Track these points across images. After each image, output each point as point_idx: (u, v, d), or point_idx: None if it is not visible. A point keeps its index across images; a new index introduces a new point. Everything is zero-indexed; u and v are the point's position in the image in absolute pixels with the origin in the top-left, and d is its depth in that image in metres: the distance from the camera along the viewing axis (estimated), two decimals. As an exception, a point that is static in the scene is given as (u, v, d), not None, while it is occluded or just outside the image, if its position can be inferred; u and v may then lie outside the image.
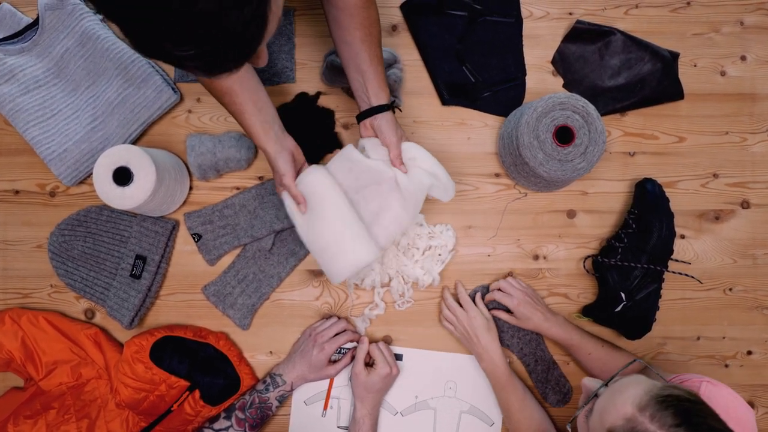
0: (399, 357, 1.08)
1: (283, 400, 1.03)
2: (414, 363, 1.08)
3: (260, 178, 1.10)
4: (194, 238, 1.08)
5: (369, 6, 0.89)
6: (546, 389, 1.07)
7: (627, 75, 1.10)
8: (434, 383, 1.08)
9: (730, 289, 1.11)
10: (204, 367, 1.03)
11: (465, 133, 1.11)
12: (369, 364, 1.04)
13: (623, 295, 1.02)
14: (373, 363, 1.02)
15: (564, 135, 0.98)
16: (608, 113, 1.10)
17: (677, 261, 1.07)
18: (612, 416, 0.68)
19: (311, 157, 1.00)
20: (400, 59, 1.10)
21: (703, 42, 1.13)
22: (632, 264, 1.01)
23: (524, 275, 1.10)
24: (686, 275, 1.07)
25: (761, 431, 1.09)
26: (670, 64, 1.10)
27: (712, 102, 1.12)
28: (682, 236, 1.10)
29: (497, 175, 1.11)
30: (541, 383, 1.07)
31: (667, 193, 1.06)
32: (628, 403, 0.67)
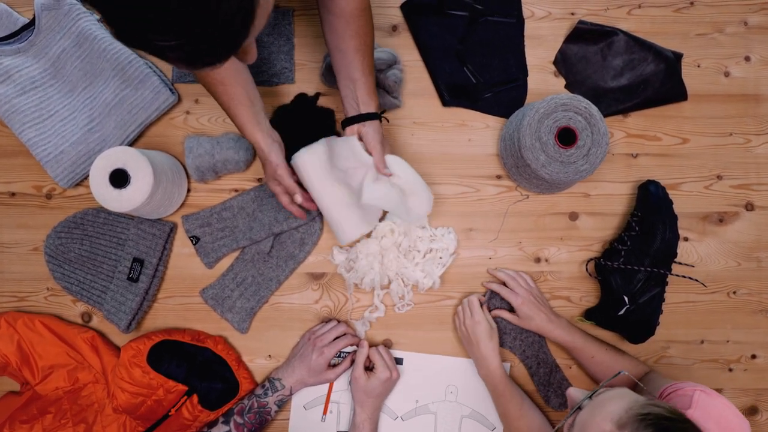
0: (399, 361, 1.07)
1: (282, 405, 1.02)
2: (414, 367, 1.07)
3: (259, 180, 1.09)
4: (192, 241, 1.07)
5: (365, 15, 0.89)
6: (548, 392, 1.06)
7: (630, 76, 1.09)
8: (435, 387, 1.07)
9: (734, 293, 1.10)
10: (202, 372, 1.03)
11: (466, 135, 1.10)
12: (369, 368, 1.03)
13: (626, 299, 1.01)
14: (373, 367, 1.01)
15: (566, 137, 0.97)
16: (611, 114, 1.09)
17: (681, 264, 1.06)
18: None
19: None
20: (400, 60, 1.09)
21: (707, 42, 1.12)
22: (635, 267, 1.00)
23: (526, 278, 1.09)
24: (690, 278, 1.06)
25: (765, 436, 1.09)
26: (674, 65, 1.09)
27: (716, 103, 1.11)
28: (686, 239, 1.09)
29: (498, 177, 1.10)
30: (543, 386, 1.06)
31: (671, 195, 1.05)
32: (608, 420, 0.66)
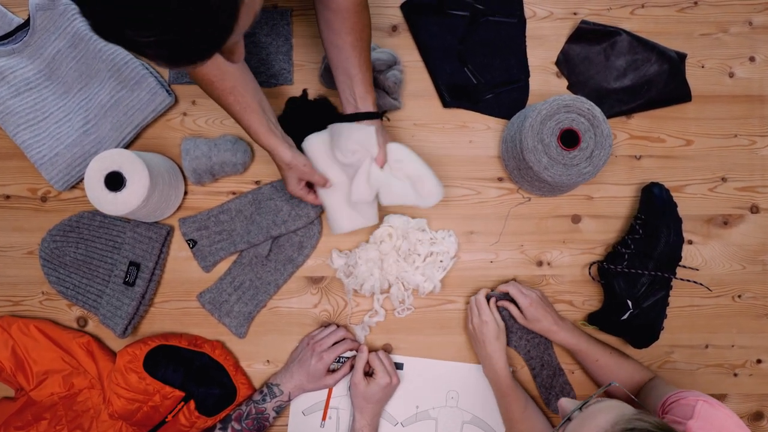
0: (399, 366, 1.06)
1: (281, 411, 1.01)
2: (415, 372, 1.06)
3: (257, 183, 1.07)
4: (189, 244, 1.06)
5: (362, 10, 0.88)
6: (550, 395, 1.05)
7: (633, 76, 1.08)
8: (435, 393, 1.05)
9: (740, 296, 1.08)
10: (199, 377, 1.01)
11: (467, 136, 1.09)
12: (368, 374, 1.02)
13: (630, 303, 0.99)
14: (373, 372, 1.00)
15: (569, 138, 0.96)
16: (614, 115, 1.08)
17: (685, 267, 1.05)
18: None
19: None
20: (400, 60, 1.08)
21: (711, 42, 1.11)
22: (639, 271, 0.99)
23: (528, 282, 1.08)
24: (695, 283, 1.04)
25: (771, 442, 1.07)
26: (677, 66, 1.08)
27: (721, 104, 1.10)
28: (690, 242, 1.08)
29: (500, 180, 1.09)
30: (545, 389, 1.05)
31: (674, 198, 1.04)
32: None
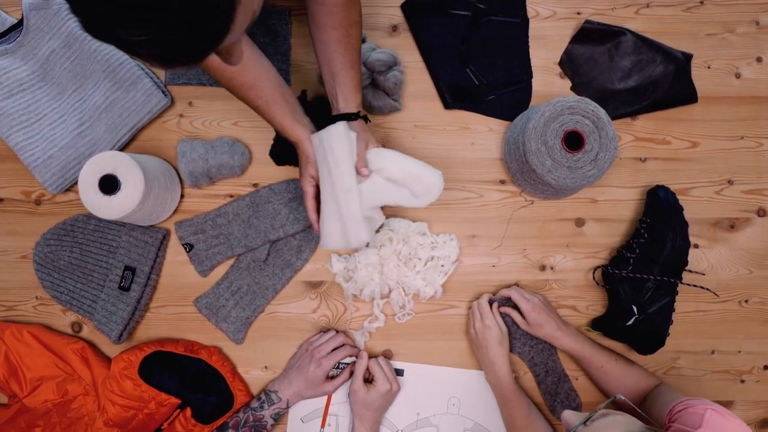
0: (400, 372, 1.04)
1: (279, 418, 0.99)
2: (415, 378, 1.04)
3: (254, 186, 1.06)
4: (186, 248, 1.04)
5: (351, 5, 0.85)
6: (554, 402, 1.03)
7: (638, 77, 1.06)
8: (436, 399, 1.04)
9: (746, 301, 1.07)
10: (196, 384, 1.00)
11: (468, 139, 1.07)
12: (368, 380, 1.00)
13: (635, 309, 0.98)
14: (373, 379, 0.99)
15: (573, 141, 0.94)
16: (618, 117, 1.06)
17: (691, 272, 1.03)
18: None
19: None
20: (401, 61, 1.06)
21: (718, 43, 1.09)
22: (644, 276, 0.97)
23: (531, 287, 1.06)
24: (702, 288, 1.02)
25: (778, 450, 1.06)
26: (683, 66, 1.07)
27: (727, 105, 1.08)
28: (696, 246, 1.06)
29: (502, 182, 1.07)
30: (550, 395, 1.03)
31: (680, 201, 1.02)
32: None
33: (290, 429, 1.03)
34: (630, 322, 0.98)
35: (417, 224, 1.04)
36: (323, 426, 1.03)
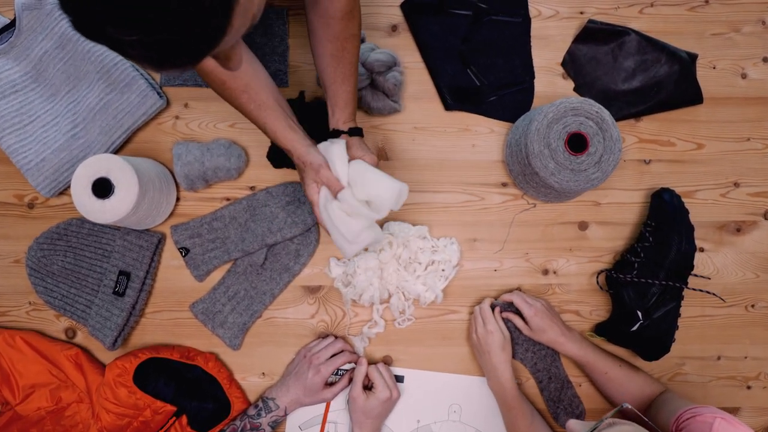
0: (400, 378, 1.03)
1: (277, 426, 0.98)
2: (416, 385, 1.03)
3: (251, 189, 1.04)
4: (181, 253, 1.02)
5: (350, 19, 0.83)
6: (558, 409, 1.02)
7: (642, 78, 1.05)
8: (437, 406, 1.02)
9: (753, 306, 1.05)
10: (192, 391, 0.99)
11: (469, 140, 1.06)
12: (368, 387, 0.98)
13: (639, 314, 0.96)
14: (372, 386, 0.97)
15: (577, 143, 0.92)
16: (622, 118, 1.05)
17: (697, 276, 1.01)
18: None
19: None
20: (400, 61, 1.05)
21: (723, 42, 1.08)
22: (649, 280, 0.95)
23: (533, 291, 1.05)
24: (708, 293, 1.01)
25: (786, 457, 1.04)
26: (688, 66, 1.05)
27: (733, 106, 1.07)
28: (701, 249, 1.04)
29: (504, 185, 1.05)
30: (553, 402, 1.02)
31: (685, 204, 1.00)
32: None
33: (288, 437, 1.01)
34: (635, 328, 0.96)
35: (417, 228, 1.02)
36: (322, 434, 1.01)
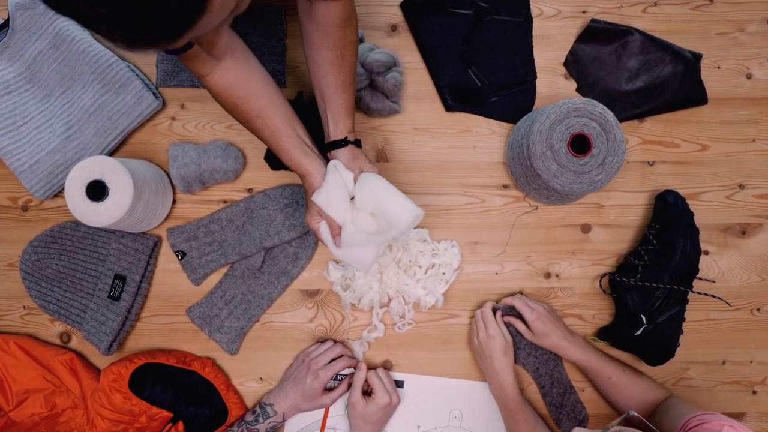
0: (400, 384, 1.01)
1: (274, 432, 0.97)
2: (416, 390, 1.01)
3: (249, 191, 1.03)
4: (178, 256, 1.01)
5: (347, 26, 0.81)
6: (560, 415, 1.00)
7: (646, 78, 1.03)
8: (438, 412, 1.01)
9: (758, 310, 1.04)
10: (188, 396, 0.98)
11: (470, 142, 1.05)
12: (367, 393, 0.97)
13: (643, 318, 0.95)
14: (372, 391, 0.96)
15: (580, 144, 0.91)
16: (626, 119, 1.04)
17: (701, 279, 1.00)
18: None
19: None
20: (400, 62, 1.03)
21: (728, 42, 1.06)
22: (653, 284, 0.94)
23: (535, 295, 1.03)
24: (713, 296, 0.99)
25: (792, 463, 1.03)
26: (693, 66, 1.03)
27: (738, 107, 1.05)
28: (706, 252, 1.03)
29: (505, 187, 1.04)
30: (556, 408, 1.00)
31: (690, 206, 0.99)
32: None
33: (286, 443, 1.00)
34: (638, 332, 0.95)
35: (417, 231, 1.01)
36: (320, 440, 1.00)
